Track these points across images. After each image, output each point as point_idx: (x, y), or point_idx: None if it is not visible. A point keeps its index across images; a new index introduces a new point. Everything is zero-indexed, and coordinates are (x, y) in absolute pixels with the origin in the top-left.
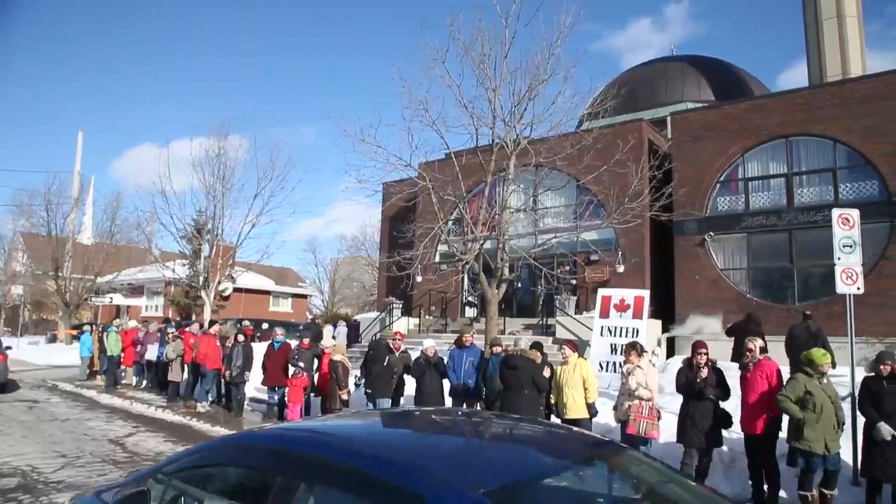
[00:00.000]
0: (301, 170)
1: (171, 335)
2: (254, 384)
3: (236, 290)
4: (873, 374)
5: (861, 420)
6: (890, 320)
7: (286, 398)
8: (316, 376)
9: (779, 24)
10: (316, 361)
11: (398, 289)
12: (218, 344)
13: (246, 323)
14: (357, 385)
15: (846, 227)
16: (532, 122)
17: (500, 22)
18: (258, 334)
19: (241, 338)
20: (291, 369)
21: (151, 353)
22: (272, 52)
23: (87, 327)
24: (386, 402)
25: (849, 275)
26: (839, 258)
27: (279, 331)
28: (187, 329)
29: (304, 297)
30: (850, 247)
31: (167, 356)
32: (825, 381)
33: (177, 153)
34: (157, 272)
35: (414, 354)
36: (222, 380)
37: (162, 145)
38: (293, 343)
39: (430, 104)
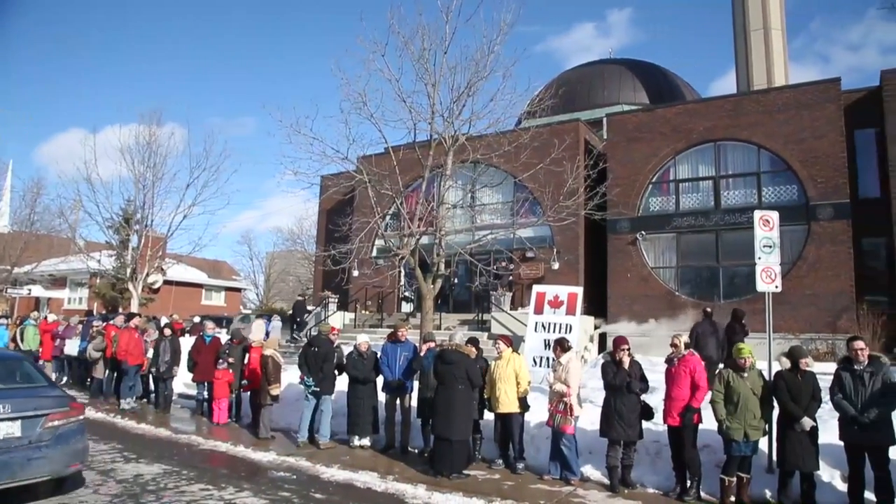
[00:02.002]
0: (236, 160)
1: (94, 329)
2: (182, 379)
3: (166, 282)
4: (788, 367)
5: (776, 411)
6: (806, 317)
7: (213, 394)
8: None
9: (713, 34)
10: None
11: (334, 283)
12: (138, 337)
13: (175, 316)
14: (307, 385)
15: (767, 229)
16: (471, 118)
17: (440, 17)
18: (187, 328)
19: (167, 332)
20: (220, 365)
21: (72, 347)
22: (212, 40)
23: (2, 320)
24: (330, 401)
25: (768, 273)
26: (760, 258)
27: (209, 325)
28: (111, 322)
29: (238, 290)
30: (770, 247)
31: (90, 354)
32: (746, 374)
33: (106, 140)
34: (82, 263)
35: (346, 349)
36: (150, 376)
37: (91, 131)
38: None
39: (369, 97)
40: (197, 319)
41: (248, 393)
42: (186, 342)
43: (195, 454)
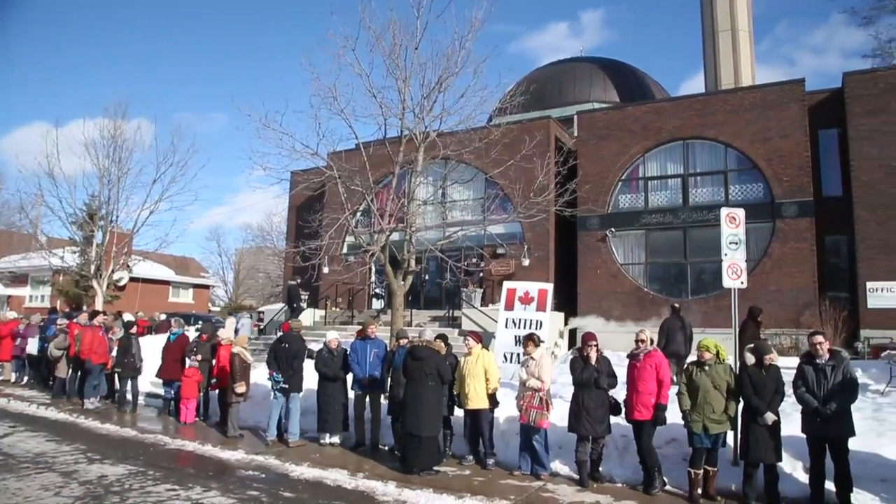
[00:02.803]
0: (205, 155)
1: (57, 327)
2: (149, 378)
3: (133, 279)
4: (752, 363)
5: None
6: (770, 313)
7: (181, 393)
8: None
9: (683, 35)
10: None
11: (302, 279)
12: (102, 335)
13: (140, 314)
14: (276, 382)
15: (733, 226)
16: (441, 114)
17: (411, 12)
18: (153, 326)
19: (134, 329)
20: (188, 362)
21: (33, 346)
22: (182, 33)
23: None
24: (299, 398)
25: (734, 270)
26: (726, 254)
27: (174, 322)
28: (75, 320)
29: (206, 287)
30: (736, 244)
31: (51, 353)
32: (708, 368)
33: (70, 134)
34: (44, 260)
35: (315, 346)
36: (115, 375)
37: (55, 125)
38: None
39: (339, 92)
40: (163, 317)
41: (217, 391)
42: (153, 340)
43: (162, 454)
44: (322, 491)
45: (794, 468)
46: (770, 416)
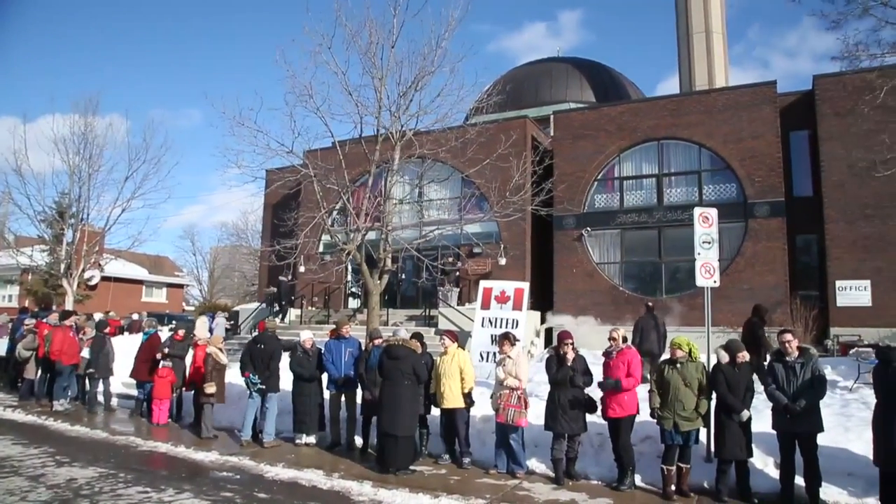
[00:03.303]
0: (179, 153)
1: (25, 327)
2: (121, 379)
3: (104, 278)
4: (727, 360)
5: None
6: (743, 311)
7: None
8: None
9: (659, 37)
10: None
11: (277, 278)
12: (73, 336)
13: (111, 314)
14: (253, 383)
15: (706, 225)
16: (418, 113)
17: (388, 10)
18: (125, 326)
19: (108, 329)
20: (162, 363)
21: (1, 347)
22: (156, 27)
23: None
24: (275, 399)
25: (707, 269)
26: (699, 253)
27: (146, 321)
28: (44, 320)
29: (180, 286)
30: (709, 243)
31: (19, 353)
32: (680, 366)
33: (38, 130)
34: (11, 258)
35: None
36: (86, 376)
37: (23, 120)
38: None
39: (315, 90)
40: (136, 316)
41: (192, 392)
42: (125, 340)
43: (133, 456)
44: (297, 491)
45: (765, 464)
46: (745, 414)
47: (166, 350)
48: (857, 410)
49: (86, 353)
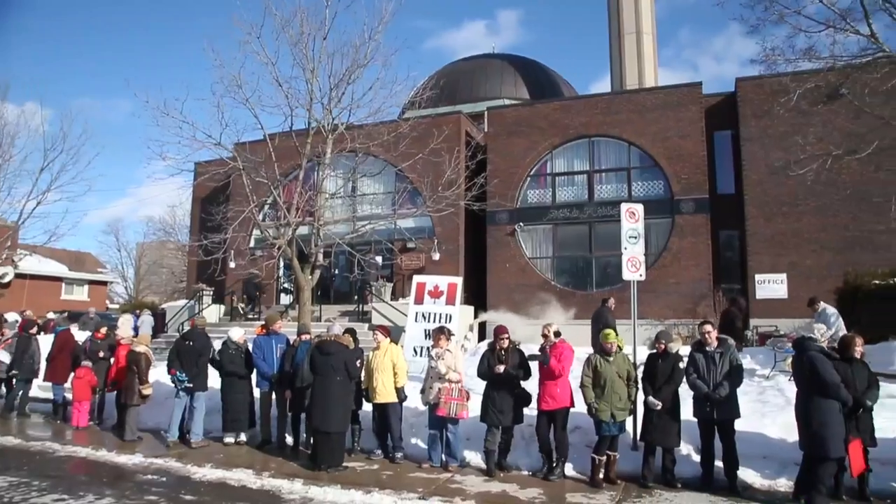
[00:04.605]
0: (101, 143)
1: None
2: (36, 381)
3: (19, 276)
4: (654, 351)
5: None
6: (669, 304)
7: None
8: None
9: (595, 37)
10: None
11: (205, 274)
12: None
13: (28, 313)
14: (180, 381)
15: (632, 220)
16: (350, 106)
17: (320, 1)
18: (41, 325)
19: (35, 329)
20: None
21: None
22: (79, 11)
23: None
24: (204, 397)
25: (633, 263)
26: (626, 248)
27: (53, 317)
28: None
29: (103, 283)
30: (635, 238)
31: None
32: (612, 358)
33: None
34: None
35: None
36: (11, 379)
37: None
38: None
39: (244, 81)
40: (52, 315)
41: (114, 393)
42: (42, 340)
43: (50, 462)
44: (226, 492)
45: (689, 451)
46: (653, 402)
47: (87, 349)
48: (773, 397)
49: (3, 356)
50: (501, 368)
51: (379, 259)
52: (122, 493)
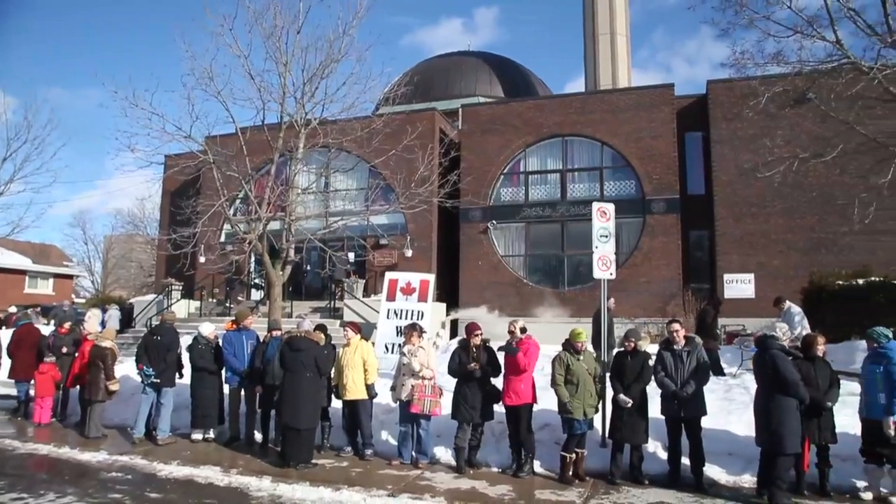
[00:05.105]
0: (69, 134)
1: None
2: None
3: None
4: (622, 349)
5: (610, 390)
6: (639, 303)
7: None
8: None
9: (570, 37)
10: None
11: (175, 268)
12: None
13: None
14: (147, 376)
15: (603, 219)
16: (324, 101)
17: None
18: (1, 319)
19: None
20: (49, 358)
21: None
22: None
23: None
24: (171, 393)
25: (604, 262)
26: (596, 247)
27: (14, 311)
28: None
29: (69, 277)
30: (606, 237)
31: None
32: (582, 356)
33: None
34: None
35: (185, 340)
36: None
37: None
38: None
39: (216, 73)
40: (13, 309)
41: (78, 389)
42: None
43: (9, 460)
44: (192, 490)
45: (656, 448)
46: (623, 400)
47: (51, 344)
48: (739, 395)
49: None
50: (476, 365)
51: (351, 255)
52: (84, 491)
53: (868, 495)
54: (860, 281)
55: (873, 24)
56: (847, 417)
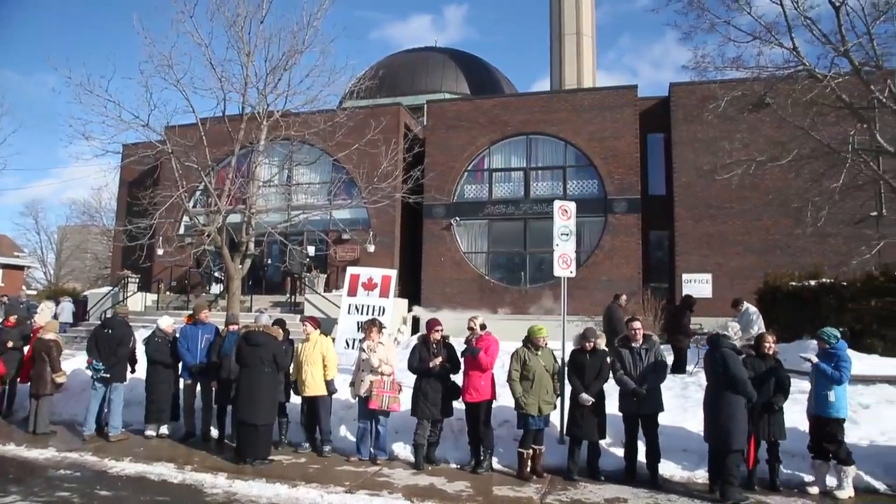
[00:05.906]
0: (21, 119)
1: None
2: None
3: None
4: (578, 347)
5: (568, 388)
6: (600, 301)
7: None
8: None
9: (538, 36)
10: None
11: (131, 260)
12: None
13: None
14: (97, 370)
15: (565, 218)
16: (287, 93)
17: None
18: None
19: None
20: None
21: None
22: None
23: None
24: (122, 388)
25: (564, 260)
26: (557, 245)
27: None
28: None
29: (20, 268)
30: (567, 235)
31: None
32: (541, 353)
33: None
34: None
35: (142, 333)
36: None
37: None
38: None
39: (175, 61)
40: None
41: (29, 384)
42: None
43: None
44: (145, 487)
45: (612, 444)
46: (585, 398)
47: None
48: (695, 392)
49: None
50: (438, 361)
51: (312, 249)
52: (29, 489)
53: (815, 490)
54: (812, 282)
55: (828, 33)
56: (797, 413)
